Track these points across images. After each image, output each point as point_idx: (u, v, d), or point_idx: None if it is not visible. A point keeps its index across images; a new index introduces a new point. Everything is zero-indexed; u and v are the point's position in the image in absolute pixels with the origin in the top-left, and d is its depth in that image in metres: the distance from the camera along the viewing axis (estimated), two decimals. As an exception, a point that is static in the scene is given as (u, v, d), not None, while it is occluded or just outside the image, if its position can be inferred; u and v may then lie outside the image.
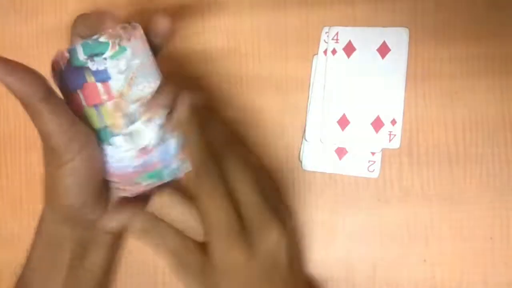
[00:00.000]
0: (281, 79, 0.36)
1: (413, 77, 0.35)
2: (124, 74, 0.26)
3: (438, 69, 0.35)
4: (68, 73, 0.26)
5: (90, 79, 0.26)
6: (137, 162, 0.28)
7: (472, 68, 0.35)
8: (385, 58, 0.35)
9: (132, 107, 0.27)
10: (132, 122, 0.27)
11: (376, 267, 0.35)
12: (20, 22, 0.39)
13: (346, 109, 0.35)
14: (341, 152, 0.35)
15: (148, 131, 0.28)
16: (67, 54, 0.26)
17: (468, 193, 0.35)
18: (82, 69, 0.26)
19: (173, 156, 0.29)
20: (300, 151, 0.36)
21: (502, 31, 0.34)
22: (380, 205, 0.35)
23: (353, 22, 0.35)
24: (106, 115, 0.27)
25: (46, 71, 0.38)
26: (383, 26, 0.35)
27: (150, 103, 0.28)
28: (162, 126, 0.28)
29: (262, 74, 0.36)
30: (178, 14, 0.37)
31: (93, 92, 0.27)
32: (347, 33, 0.35)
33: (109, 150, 0.28)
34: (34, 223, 0.38)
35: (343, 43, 0.35)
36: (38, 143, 0.39)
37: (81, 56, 0.26)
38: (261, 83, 0.36)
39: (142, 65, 0.27)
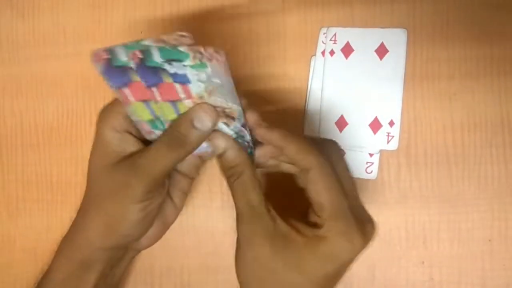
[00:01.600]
0: (279, 80, 0.36)
1: (411, 78, 0.35)
2: (204, 84, 0.26)
3: (436, 70, 0.35)
4: (109, 72, 0.26)
5: (167, 79, 0.26)
6: (206, 144, 0.29)
7: (471, 69, 0.35)
8: (383, 59, 0.35)
9: None
10: None
11: (374, 269, 0.35)
12: (16, 19, 0.39)
13: (344, 111, 0.35)
14: (339, 153, 0.35)
15: (224, 129, 0.29)
16: (105, 55, 0.25)
17: (466, 194, 0.35)
18: (157, 70, 0.26)
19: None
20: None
21: (501, 33, 0.34)
22: (378, 207, 0.35)
23: (351, 23, 0.35)
24: (183, 108, 0.28)
25: (41, 68, 0.38)
26: (381, 27, 0.35)
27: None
28: (236, 132, 0.29)
29: (260, 75, 0.36)
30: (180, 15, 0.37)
31: (170, 91, 0.27)
32: (345, 34, 0.35)
33: None
34: (30, 223, 0.38)
35: (341, 44, 0.35)
36: (34, 143, 0.39)
37: (157, 58, 0.25)
38: (259, 84, 0.36)
39: (221, 87, 0.26)
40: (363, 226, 0.27)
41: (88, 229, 0.29)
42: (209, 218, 0.37)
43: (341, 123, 0.35)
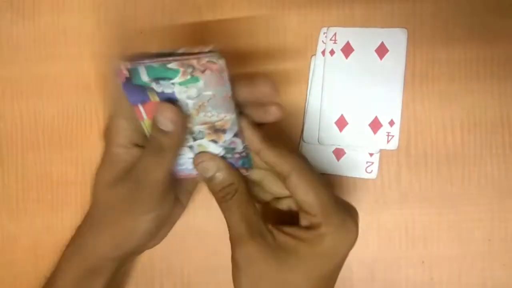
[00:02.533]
0: (279, 79, 0.36)
1: (411, 78, 0.35)
2: (193, 100, 0.26)
3: (436, 71, 0.35)
4: (128, 88, 0.26)
5: (154, 98, 0.26)
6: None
7: (470, 70, 0.35)
8: (383, 59, 0.35)
9: (198, 128, 0.27)
10: (196, 139, 0.28)
11: (374, 268, 0.35)
12: (17, 22, 0.38)
13: (344, 110, 0.35)
14: (339, 153, 0.35)
15: (211, 148, 0.28)
16: (126, 73, 0.25)
17: (466, 194, 0.35)
18: (145, 88, 0.25)
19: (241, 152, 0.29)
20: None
21: (500, 34, 0.34)
22: (378, 206, 0.35)
23: (352, 22, 0.35)
24: None
25: (41, 68, 0.38)
26: (382, 27, 0.35)
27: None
28: (225, 147, 0.28)
29: (260, 74, 0.36)
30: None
31: (154, 110, 0.26)
32: (345, 34, 0.35)
33: None
34: (30, 224, 0.38)
35: (341, 43, 0.35)
36: (34, 143, 0.39)
37: (144, 77, 0.25)
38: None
39: (214, 98, 0.25)
40: (352, 214, 0.28)
41: (98, 242, 0.29)
42: (209, 218, 0.37)
43: (341, 123, 0.35)
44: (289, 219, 0.29)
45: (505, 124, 0.34)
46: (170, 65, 0.24)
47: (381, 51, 0.35)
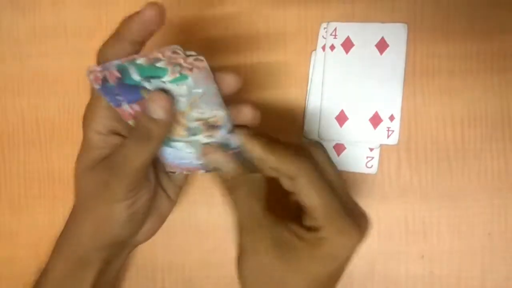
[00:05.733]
0: (279, 74, 0.36)
1: (411, 73, 0.35)
2: (185, 97, 0.26)
3: (436, 65, 0.35)
4: (120, 88, 0.26)
5: (147, 95, 0.26)
6: (199, 161, 0.29)
7: (471, 64, 0.35)
8: (383, 54, 0.35)
9: (194, 124, 0.27)
10: (194, 134, 0.28)
11: (374, 263, 0.35)
12: (17, 17, 0.38)
13: (344, 105, 0.35)
14: (339, 148, 0.35)
15: (209, 142, 0.29)
16: (118, 74, 0.25)
17: (466, 189, 0.35)
18: (137, 87, 0.26)
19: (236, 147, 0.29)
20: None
21: (501, 28, 0.34)
22: (378, 201, 0.35)
23: (352, 17, 0.35)
24: None
25: (42, 64, 0.38)
26: (382, 22, 0.35)
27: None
28: (222, 142, 0.29)
29: (260, 70, 0.36)
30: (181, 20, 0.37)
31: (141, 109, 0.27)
32: (345, 29, 0.35)
33: (170, 150, 0.29)
34: (32, 220, 0.38)
35: (341, 38, 0.35)
36: (36, 140, 0.39)
37: (136, 76, 0.25)
38: (259, 79, 0.36)
39: (205, 95, 0.26)
40: (357, 222, 0.27)
41: (80, 231, 0.29)
42: (210, 215, 0.37)
43: (342, 118, 0.35)
44: (295, 212, 0.29)
45: (506, 118, 0.34)
46: (158, 64, 0.24)
47: (382, 46, 0.35)
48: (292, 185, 0.27)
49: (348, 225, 0.27)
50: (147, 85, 0.25)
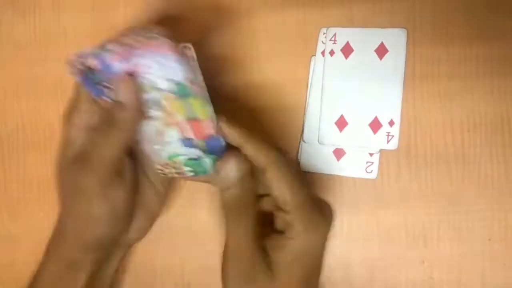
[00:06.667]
0: (279, 80, 0.36)
1: (411, 78, 0.35)
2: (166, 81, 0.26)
3: (436, 70, 0.35)
4: (88, 82, 0.26)
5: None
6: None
7: (470, 69, 0.35)
8: (383, 59, 0.35)
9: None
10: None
11: (374, 268, 0.35)
12: (17, 20, 0.39)
13: (344, 110, 0.35)
14: (339, 153, 0.35)
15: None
16: (95, 61, 0.25)
17: (466, 194, 0.35)
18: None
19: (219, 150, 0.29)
20: (298, 152, 0.36)
21: (500, 33, 0.34)
22: (378, 206, 0.35)
23: (351, 23, 0.35)
24: None
25: (42, 68, 0.38)
26: (381, 27, 0.35)
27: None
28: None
29: (260, 75, 0.36)
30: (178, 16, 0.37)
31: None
32: (345, 34, 0.35)
33: (150, 133, 0.28)
34: (31, 224, 0.38)
35: (341, 44, 0.35)
36: (35, 144, 0.39)
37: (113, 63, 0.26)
38: (258, 84, 0.36)
39: (193, 83, 0.26)
40: (323, 212, 0.28)
41: (65, 232, 0.29)
42: (209, 219, 0.37)
43: (341, 123, 0.35)
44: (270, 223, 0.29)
45: (505, 123, 0.34)
46: (108, 47, 0.25)
47: (381, 51, 0.35)
48: (264, 178, 0.27)
49: (317, 215, 0.27)
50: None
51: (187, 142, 0.27)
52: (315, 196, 0.30)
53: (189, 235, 0.37)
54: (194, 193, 0.37)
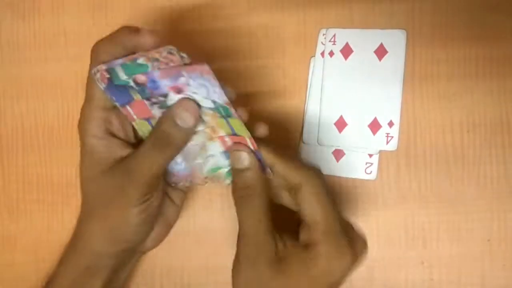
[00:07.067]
0: (278, 81, 0.36)
1: (410, 79, 0.35)
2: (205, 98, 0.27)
3: (435, 71, 0.35)
4: (113, 90, 0.27)
5: (137, 96, 0.27)
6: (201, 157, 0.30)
7: (470, 70, 0.35)
8: (382, 60, 0.35)
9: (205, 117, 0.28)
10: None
11: (374, 269, 0.35)
12: (17, 21, 0.39)
13: (344, 111, 0.35)
14: (338, 154, 0.35)
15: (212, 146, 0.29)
16: (106, 74, 0.26)
17: (466, 195, 0.35)
18: (126, 88, 0.26)
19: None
20: (297, 153, 0.36)
21: (500, 33, 0.34)
22: (377, 207, 0.35)
23: (351, 24, 0.35)
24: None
25: (42, 69, 0.38)
26: (381, 28, 0.35)
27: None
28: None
29: (259, 76, 0.36)
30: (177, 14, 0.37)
31: (142, 109, 0.27)
32: (344, 35, 0.35)
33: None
34: (31, 224, 0.38)
35: (340, 45, 0.35)
36: (35, 144, 0.40)
37: (122, 75, 0.26)
38: (258, 85, 0.36)
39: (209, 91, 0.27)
40: (353, 244, 0.27)
41: (91, 237, 0.29)
42: (209, 220, 0.37)
43: (341, 124, 0.35)
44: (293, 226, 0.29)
45: (505, 124, 0.34)
46: (139, 61, 0.25)
47: (380, 52, 0.35)
48: (297, 195, 0.27)
49: (344, 244, 0.27)
50: (133, 84, 0.26)
51: (229, 155, 0.29)
52: (349, 225, 0.29)
53: (189, 236, 0.37)
54: (194, 195, 0.37)
